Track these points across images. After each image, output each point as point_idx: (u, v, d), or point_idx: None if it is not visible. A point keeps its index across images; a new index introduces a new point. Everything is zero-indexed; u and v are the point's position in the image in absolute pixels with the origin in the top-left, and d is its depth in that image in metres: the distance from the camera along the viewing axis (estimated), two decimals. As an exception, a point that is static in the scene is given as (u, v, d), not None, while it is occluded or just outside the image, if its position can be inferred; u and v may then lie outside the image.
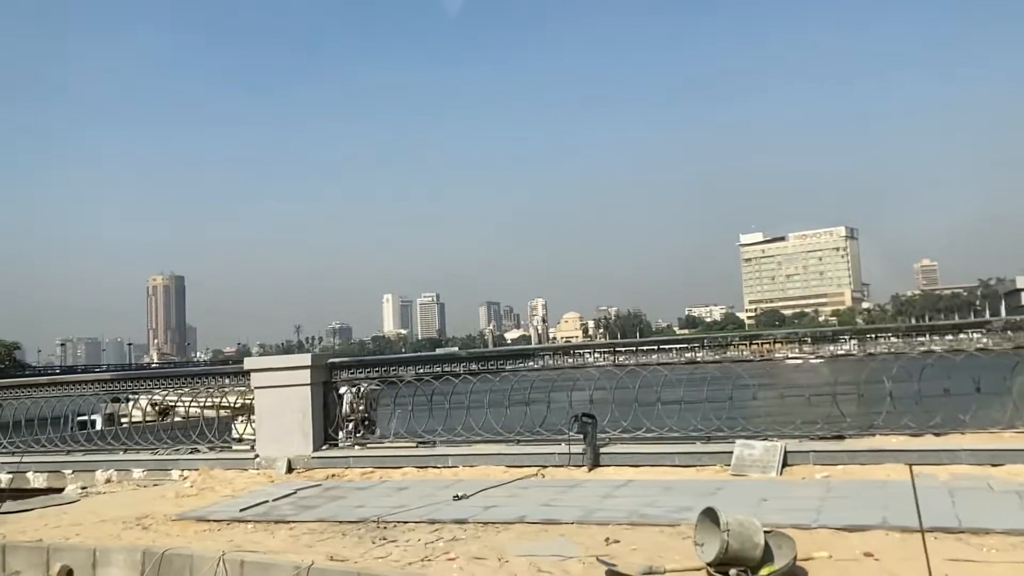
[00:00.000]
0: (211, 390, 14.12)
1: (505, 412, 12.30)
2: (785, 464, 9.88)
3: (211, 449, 13.65)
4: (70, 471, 14.24)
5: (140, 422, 17.93)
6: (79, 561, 8.54)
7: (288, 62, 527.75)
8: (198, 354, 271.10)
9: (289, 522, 8.95)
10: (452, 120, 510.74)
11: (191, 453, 13.65)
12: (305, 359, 12.94)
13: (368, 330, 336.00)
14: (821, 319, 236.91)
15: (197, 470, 13.21)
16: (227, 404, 15.02)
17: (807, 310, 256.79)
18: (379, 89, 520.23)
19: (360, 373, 13.11)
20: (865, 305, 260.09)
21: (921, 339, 10.92)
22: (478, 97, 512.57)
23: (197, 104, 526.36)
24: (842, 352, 11.36)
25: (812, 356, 11.47)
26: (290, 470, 12.55)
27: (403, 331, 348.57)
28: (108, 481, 13.91)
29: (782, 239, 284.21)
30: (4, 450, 15.34)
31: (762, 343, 11.65)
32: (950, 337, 10.93)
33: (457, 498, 9.29)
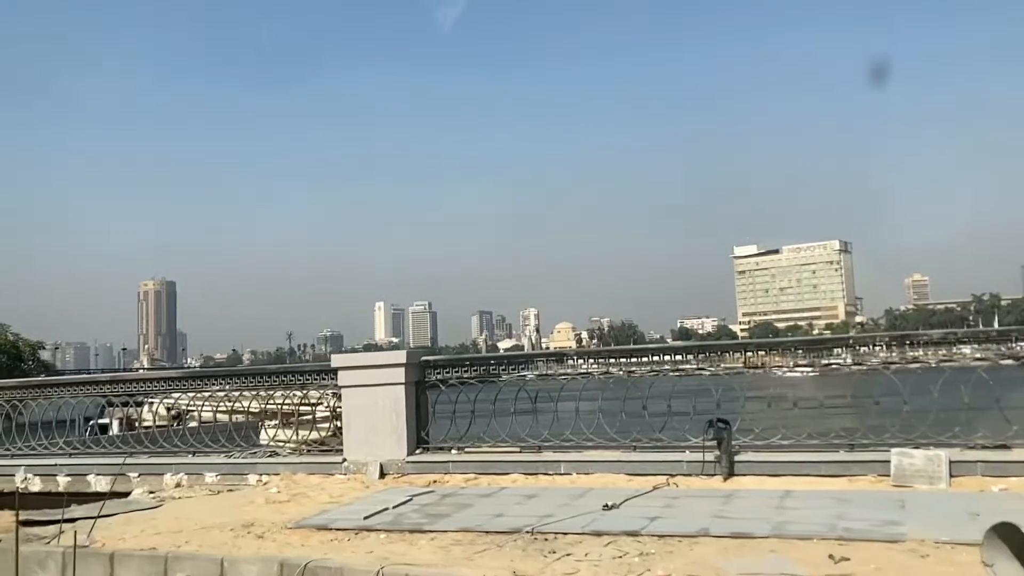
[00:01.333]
0: (293, 390, 13.30)
1: (620, 416, 11.53)
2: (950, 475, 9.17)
3: (291, 452, 12.85)
4: (135, 474, 13.40)
5: (153, 426, 17.21)
6: (203, 572, 7.73)
7: (282, 69, 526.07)
8: (190, 360, 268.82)
9: (426, 531, 8.17)
10: (447, 128, 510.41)
11: (269, 457, 12.83)
12: (399, 356, 12.15)
13: (359, 338, 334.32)
14: (815, 332, 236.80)
15: (278, 475, 12.40)
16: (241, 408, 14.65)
17: (801, 323, 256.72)
18: (373, 96, 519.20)
19: (455, 372, 12.31)
20: (859, 319, 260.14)
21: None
22: (472, 106, 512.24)
23: (191, 108, 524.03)
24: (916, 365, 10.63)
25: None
26: (382, 475, 11.77)
27: (395, 339, 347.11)
28: (179, 485, 13.09)
29: (776, 252, 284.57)
30: (61, 451, 14.48)
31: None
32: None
33: (607, 507, 8.52)
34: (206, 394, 14.88)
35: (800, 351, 11.54)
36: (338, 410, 20.54)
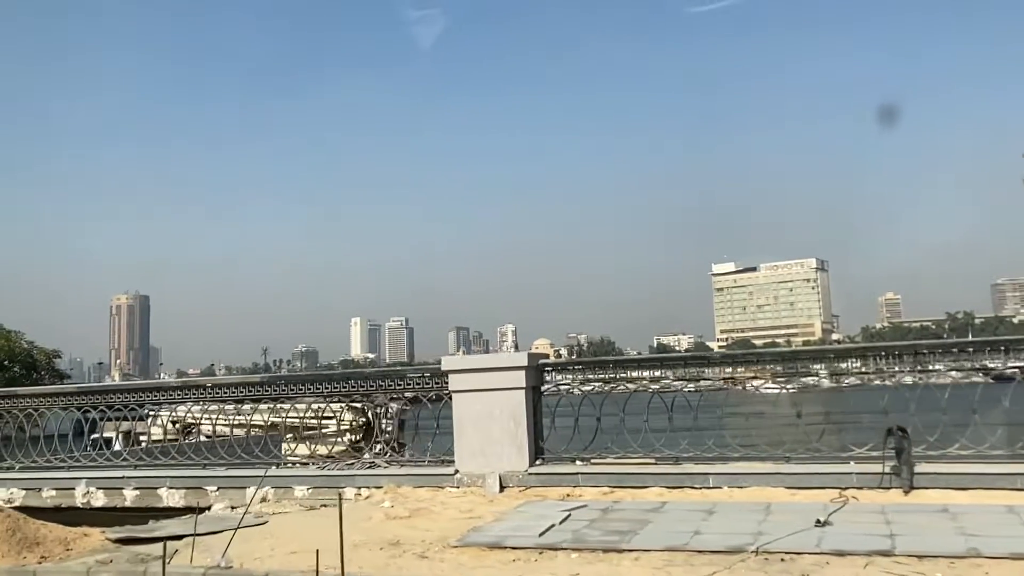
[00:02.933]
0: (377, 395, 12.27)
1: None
2: None
3: (390, 464, 11.83)
4: (214, 488, 12.34)
5: (161, 440, 16.24)
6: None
7: (261, 87, 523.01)
8: (165, 375, 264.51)
9: (624, 550, 7.24)
10: (423, 146, 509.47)
11: (368, 468, 11.79)
12: (520, 358, 11.20)
13: (335, 354, 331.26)
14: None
15: (380, 487, 11.41)
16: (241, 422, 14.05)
17: (778, 340, 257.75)
18: (350, 113, 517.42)
19: (577, 375, 11.39)
20: (835, 336, 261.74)
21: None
22: (449, 124, 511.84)
23: (167, 125, 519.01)
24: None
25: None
26: (501, 489, 10.79)
27: (371, 355, 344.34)
28: (264, 500, 12.02)
29: (753, 270, 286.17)
30: (125, 463, 13.37)
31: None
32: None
33: (819, 523, 7.63)
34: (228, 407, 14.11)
35: (779, 367, 11.13)
36: (354, 424, 19.59)
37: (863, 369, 10.68)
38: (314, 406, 13.73)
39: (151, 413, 17.31)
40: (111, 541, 9.66)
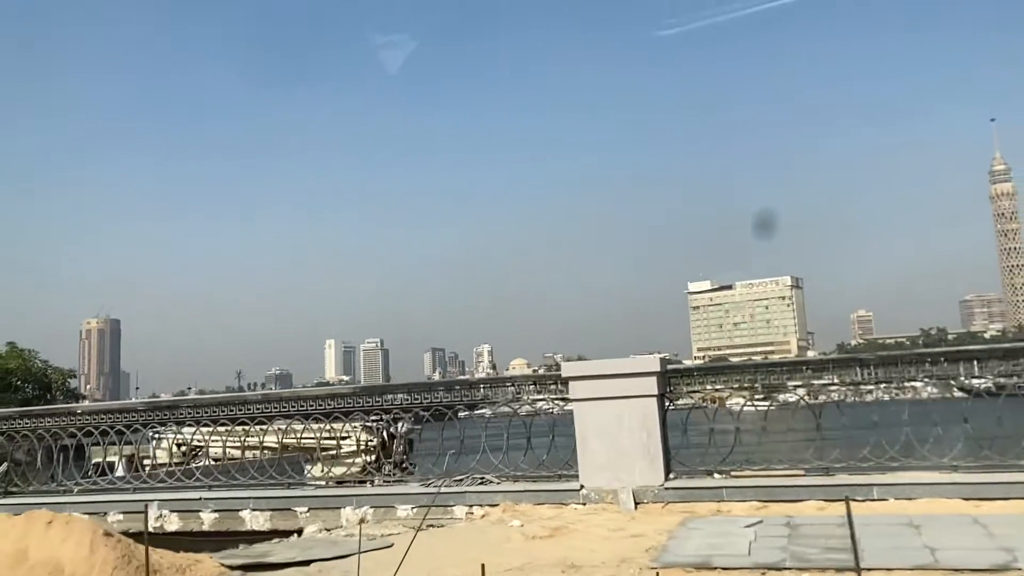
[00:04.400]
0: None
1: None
2: None
3: (501, 479, 10.96)
4: (304, 509, 11.41)
5: (167, 463, 15.36)
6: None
7: (229, 108, 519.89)
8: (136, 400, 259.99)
9: (861, 569, 6.41)
10: (397, 166, 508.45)
11: (480, 485, 10.90)
12: (651, 363, 10.40)
13: (309, 376, 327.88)
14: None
15: (496, 505, 10.54)
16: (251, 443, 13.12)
17: (755, 357, 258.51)
18: (322, 132, 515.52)
19: (705, 384, 10.61)
20: (811, 353, 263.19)
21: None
22: (424, 143, 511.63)
23: (134, 148, 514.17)
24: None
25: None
26: (635, 505, 9.98)
27: (345, 377, 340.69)
28: (363, 521, 11.09)
29: (729, 288, 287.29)
30: (199, 483, 12.36)
31: None
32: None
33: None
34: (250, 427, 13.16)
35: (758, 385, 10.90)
36: (369, 444, 18.70)
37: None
38: (335, 426, 13.08)
39: (156, 436, 16.37)
40: (228, 568, 8.72)
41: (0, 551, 8.24)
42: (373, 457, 18.34)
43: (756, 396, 10.71)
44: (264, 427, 12.59)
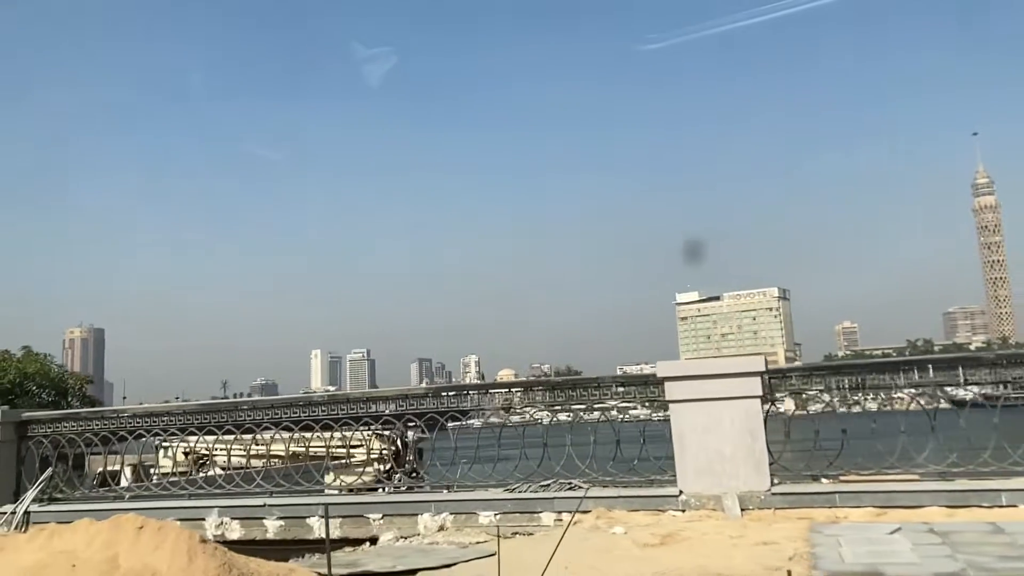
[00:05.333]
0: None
1: None
2: None
3: (590, 484, 10.43)
4: (377, 515, 10.85)
5: (172, 473, 14.84)
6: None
7: (211, 121, 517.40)
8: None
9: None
10: (383, 179, 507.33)
11: (569, 490, 10.37)
12: (755, 363, 9.93)
13: (295, 387, 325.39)
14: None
15: (588, 512, 10.00)
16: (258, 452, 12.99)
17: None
18: (311, 145, 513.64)
19: (811, 383, 10.13)
20: (798, 364, 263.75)
21: None
22: (412, 157, 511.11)
23: (115, 158, 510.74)
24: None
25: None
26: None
27: (332, 388, 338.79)
28: (442, 528, 10.58)
29: (717, 299, 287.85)
30: (260, 489, 11.77)
31: None
32: None
33: None
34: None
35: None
36: (383, 452, 18.13)
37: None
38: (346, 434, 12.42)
39: (162, 444, 15.80)
40: (327, 578, 8.13)
41: (88, 560, 7.62)
42: (388, 466, 17.87)
43: (854, 397, 10.28)
44: (312, 433, 11.99)
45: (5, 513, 12.05)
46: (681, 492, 9.80)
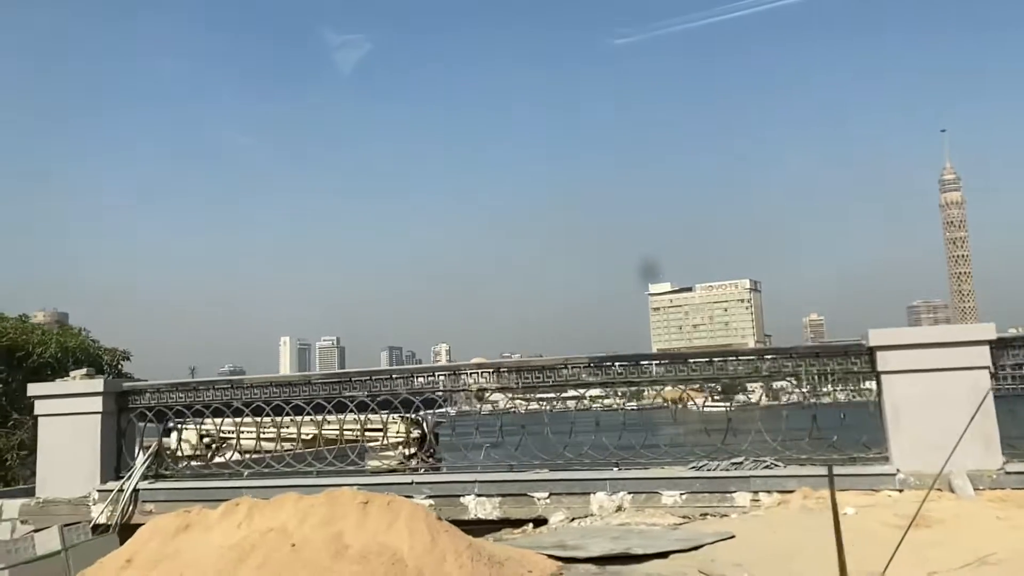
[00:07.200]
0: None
1: None
2: None
3: (786, 463, 9.56)
4: (543, 494, 9.90)
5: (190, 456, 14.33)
6: None
7: (180, 105, 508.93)
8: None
9: None
10: (353, 168, 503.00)
11: (765, 468, 9.49)
12: (984, 330, 9.09)
13: (262, 374, 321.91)
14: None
15: (790, 491, 9.15)
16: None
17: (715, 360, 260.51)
18: (276, 130, 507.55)
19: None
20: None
21: None
22: (380, 144, 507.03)
23: (85, 142, 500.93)
24: None
25: None
26: (970, 491, 8.65)
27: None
28: (620, 508, 9.66)
29: (689, 290, 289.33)
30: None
31: None
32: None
33: None
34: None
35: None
36: (411, 435, 17.28)
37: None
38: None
39: (177, 427, 14.75)
40: (562, 560, 7.18)
41: (306, 538, 6.60)
42: (413, 450, 16.97)
43: None
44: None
45: (111, 491, 10.94)
46: (898, 471, 8.97)
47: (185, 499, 10.82)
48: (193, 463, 13.14)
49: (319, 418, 11.65)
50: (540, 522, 9.82)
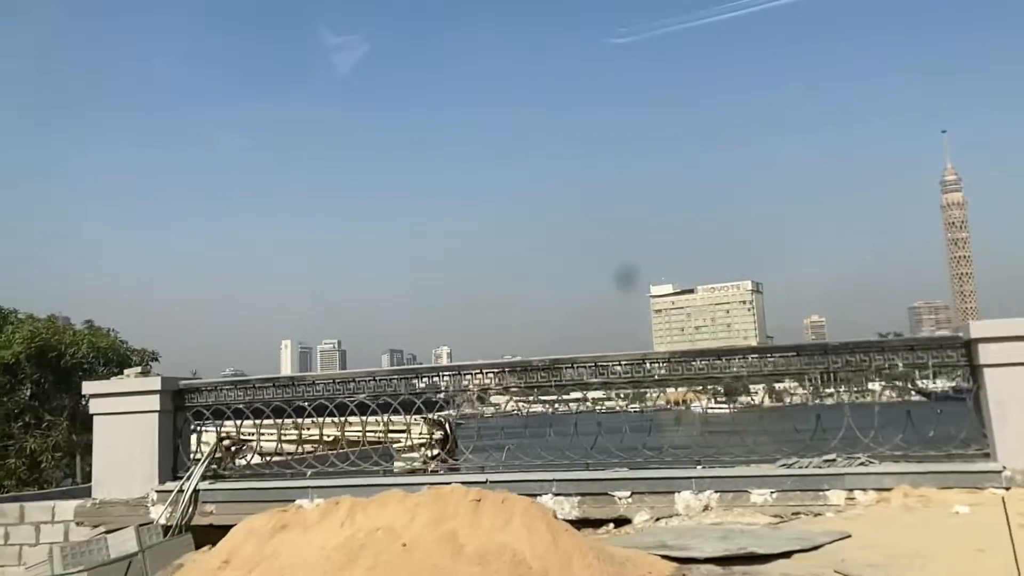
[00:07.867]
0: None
1: None
2: None
3: (880, 460, 9.19)
4: (625, 493, 9.51)
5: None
6: None
7: (173, 109, 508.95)
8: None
9: None
10: (357, 169, 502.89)
11: (860, 466, 9.13)
12: (1095, 320, 8.73)
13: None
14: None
15: (888, 489, 8.79)
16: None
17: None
18: (278, 134, 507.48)
19: None
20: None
21: None
22: (382, 146, 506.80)
23: (71, 144, 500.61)
24: None
25: None
26: (1083, 487, 8.30)
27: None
28: (707, 508, 9.28)
29: (691, 291, 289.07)
30: (468, 464, 10.44)
31: None
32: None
33: None
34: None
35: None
36: (434, 436, 16.93)
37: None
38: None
39: (196, 428, 14.33)
40: (678, 562, 6.83)
41: (417, 538, 6.24)
42: (435, 451, 16.59)
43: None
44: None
45: (170, 492, 10.59)
46: (1004, 468, 8.60)
47: (246, 499, 10.50)
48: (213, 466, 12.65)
49: (364, 418, 11.28)
50: (620, 522, 9.47)
